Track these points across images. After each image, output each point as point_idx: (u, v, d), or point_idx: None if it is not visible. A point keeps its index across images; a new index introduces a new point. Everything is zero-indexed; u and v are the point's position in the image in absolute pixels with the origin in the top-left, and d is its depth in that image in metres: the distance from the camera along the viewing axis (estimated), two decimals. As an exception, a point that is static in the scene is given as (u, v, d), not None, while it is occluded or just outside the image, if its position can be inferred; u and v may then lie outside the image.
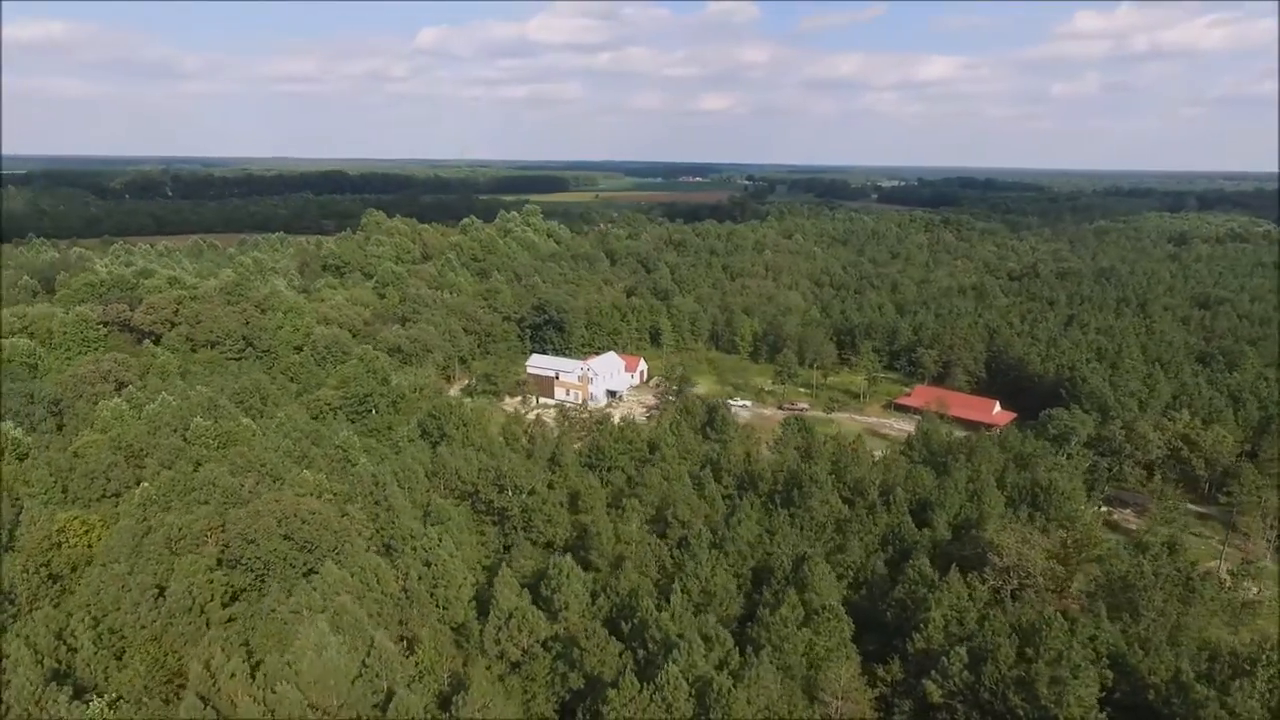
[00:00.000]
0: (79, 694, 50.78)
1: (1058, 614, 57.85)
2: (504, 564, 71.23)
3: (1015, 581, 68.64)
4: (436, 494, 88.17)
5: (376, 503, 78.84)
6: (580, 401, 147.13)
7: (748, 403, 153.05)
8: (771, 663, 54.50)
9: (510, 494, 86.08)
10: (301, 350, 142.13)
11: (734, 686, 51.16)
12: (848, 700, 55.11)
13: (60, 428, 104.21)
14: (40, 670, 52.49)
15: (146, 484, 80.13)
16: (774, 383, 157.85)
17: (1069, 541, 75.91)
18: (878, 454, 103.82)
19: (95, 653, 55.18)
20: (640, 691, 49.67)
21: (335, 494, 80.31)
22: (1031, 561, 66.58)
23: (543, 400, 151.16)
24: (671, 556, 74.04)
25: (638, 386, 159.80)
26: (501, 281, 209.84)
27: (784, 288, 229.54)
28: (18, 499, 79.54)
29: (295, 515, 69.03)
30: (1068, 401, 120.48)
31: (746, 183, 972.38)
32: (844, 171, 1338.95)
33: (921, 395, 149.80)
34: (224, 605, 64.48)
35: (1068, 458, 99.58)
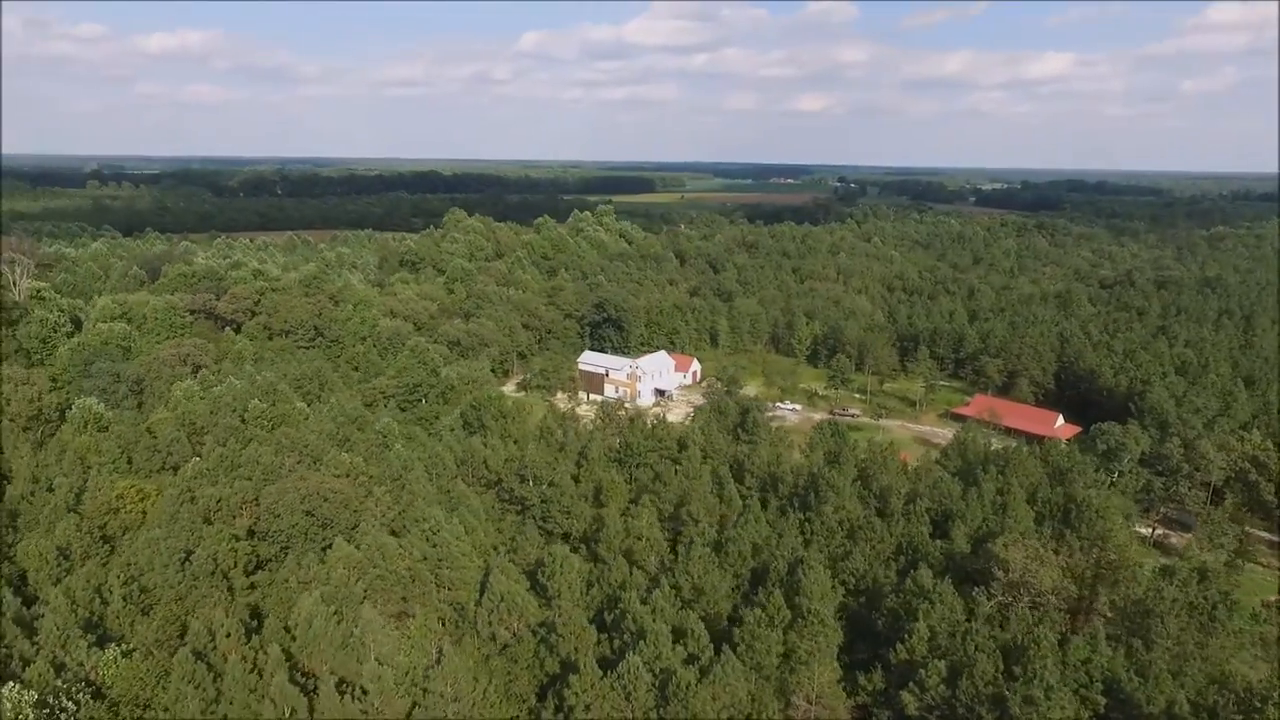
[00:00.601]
0: (102, 643, 55.95)
1: (1048, 633, 55.51)
2: (504, 550, 73.60)
3: (1027, 598, 65.98)
4: (464, 481, 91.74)
5: (402, 486, 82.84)
6: (629, 399, 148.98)
7: (797, 407, 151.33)
8: (743, 661, 54.66)
9: (531, 484, 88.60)
10: (365, 341, 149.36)
11: (698, 682, 51.67)
12: (820, 704, 54.67)
13: (140, 405, 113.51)
14: (75, 619, 58.14)
15: (199, 458, 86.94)
16: (826, 387, 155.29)
17: (1100, 561, 72.39)
18: (915, 463, 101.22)
19: (124, 607, 60.60)
20: (602, 679, 50.87)
21: (370, 476, 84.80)
22: (1039, 578, 63.85)
23: (593, 397, 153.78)
24: (674, 553, 74.74)
25: (689, 387, 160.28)
26: (567, 280, 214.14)
27: (853, 291, 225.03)
28: (89, 467, 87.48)
29: (318, 493, 73.47)
30: (1134, 416, 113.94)
31: (838, 184, 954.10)
32: (943, 174, 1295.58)
33: (980, 405, 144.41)
34: (247, 573, 69.38)
35: (1119, 475, 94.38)
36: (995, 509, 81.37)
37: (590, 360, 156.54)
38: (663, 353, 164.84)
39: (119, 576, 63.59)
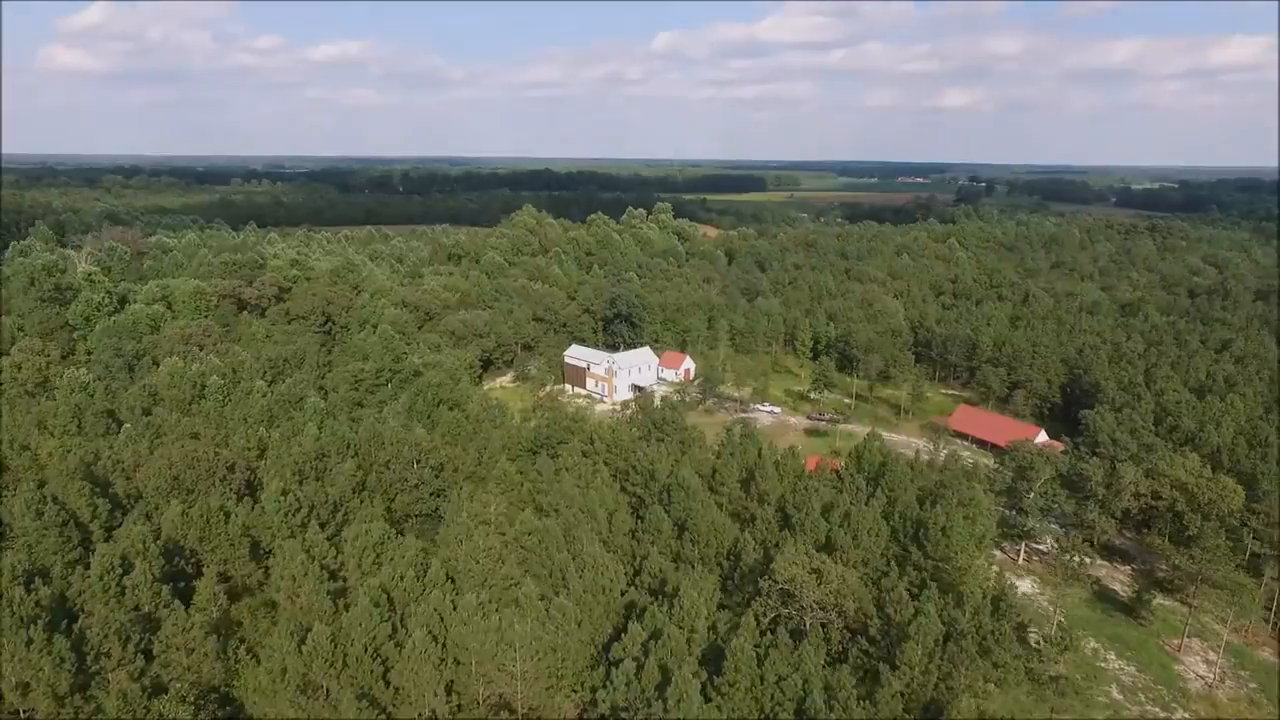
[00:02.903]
0: None
1: (745, 644, 53.39)
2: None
3: (816, 613, 63.09)
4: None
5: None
6: (606, 394, 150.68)
7: (776, 409, 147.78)
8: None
9: (415, 467, 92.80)
10: (364, 327, 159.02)
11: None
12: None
13: (131, 377, 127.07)
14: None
15: (128, 425, 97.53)
16: (809, 390, 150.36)
17: (924, 581, 68.11)
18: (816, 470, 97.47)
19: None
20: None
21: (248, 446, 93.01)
22: (802, 592, 60.92)
23: (576, 390, 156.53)
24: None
25: (679, 384, 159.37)
26: (599, 275, 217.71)
27: (895, 294, 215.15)
28: (46, 429, 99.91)
29: (182, 460, 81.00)
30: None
31: (969, 183, 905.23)
32: (1100, 172, 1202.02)
33: (964, 415, 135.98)
34: (106, 527, 77.36)
35: (1028, 495, 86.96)
36: (841, 520, 77.48)
37: (575, 354, 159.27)
38: (646, 349, 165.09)
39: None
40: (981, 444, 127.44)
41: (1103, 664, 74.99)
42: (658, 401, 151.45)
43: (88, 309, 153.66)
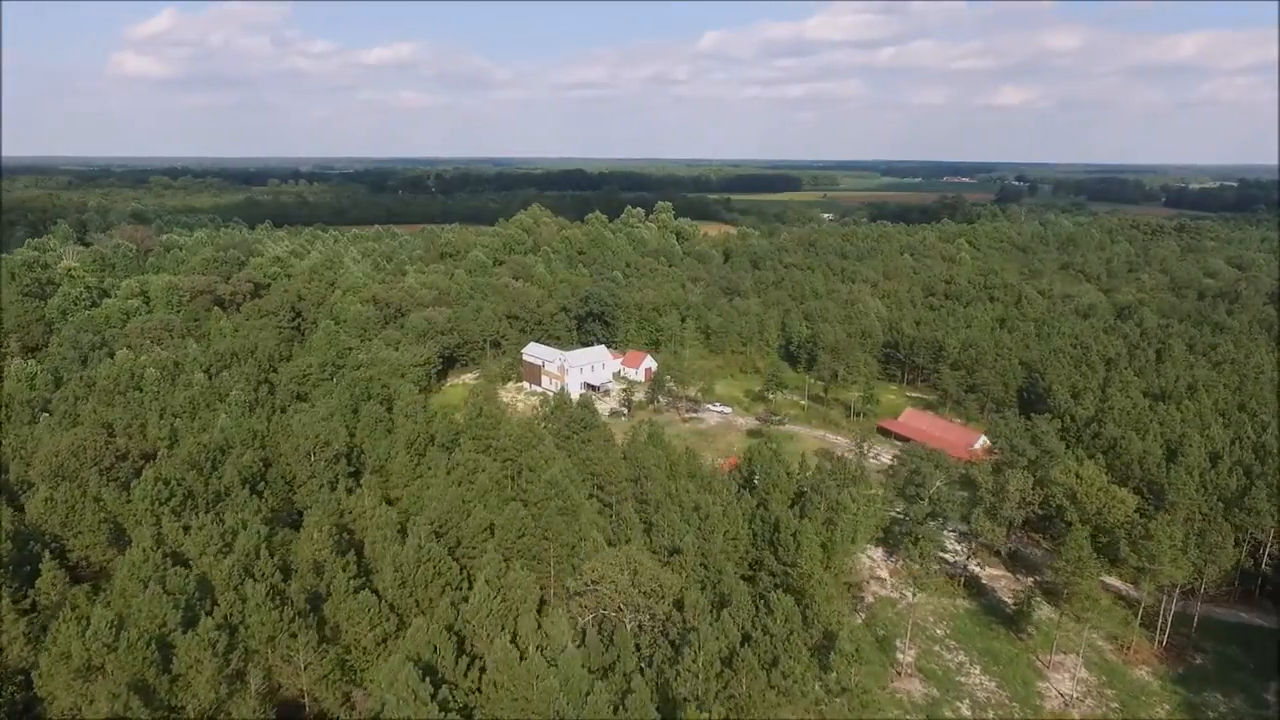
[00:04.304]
0: None
1: (504, 642, 52.52)
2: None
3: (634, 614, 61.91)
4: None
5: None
6: (558, 391, 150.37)
7: (727, 409, 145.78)
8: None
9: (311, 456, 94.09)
10: (324, 322, 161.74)
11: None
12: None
13: (84, 369, 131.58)
14: None
15: (47, 414, 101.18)
16: (760, 391, 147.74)
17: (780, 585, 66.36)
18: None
19: None
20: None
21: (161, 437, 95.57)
22: (609, 590, 59.75)
23: (533, 387, 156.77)
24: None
25: (628, 384, 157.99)
26: (583, 274, 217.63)
27: (883, 294, 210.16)
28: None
29: (76, 444, 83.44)
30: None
31: (1014, 183, 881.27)
32: (1157, 171, 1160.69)
33: (909, 418, 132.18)
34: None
35: (915, 500, 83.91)
36: (701, 522, 75.89)
37: (532, 352, 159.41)
38: (601, 347, 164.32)
39: None
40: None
41: (963, 678, 71.85)
42: (602, 400, 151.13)
43: (64, 303, 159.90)
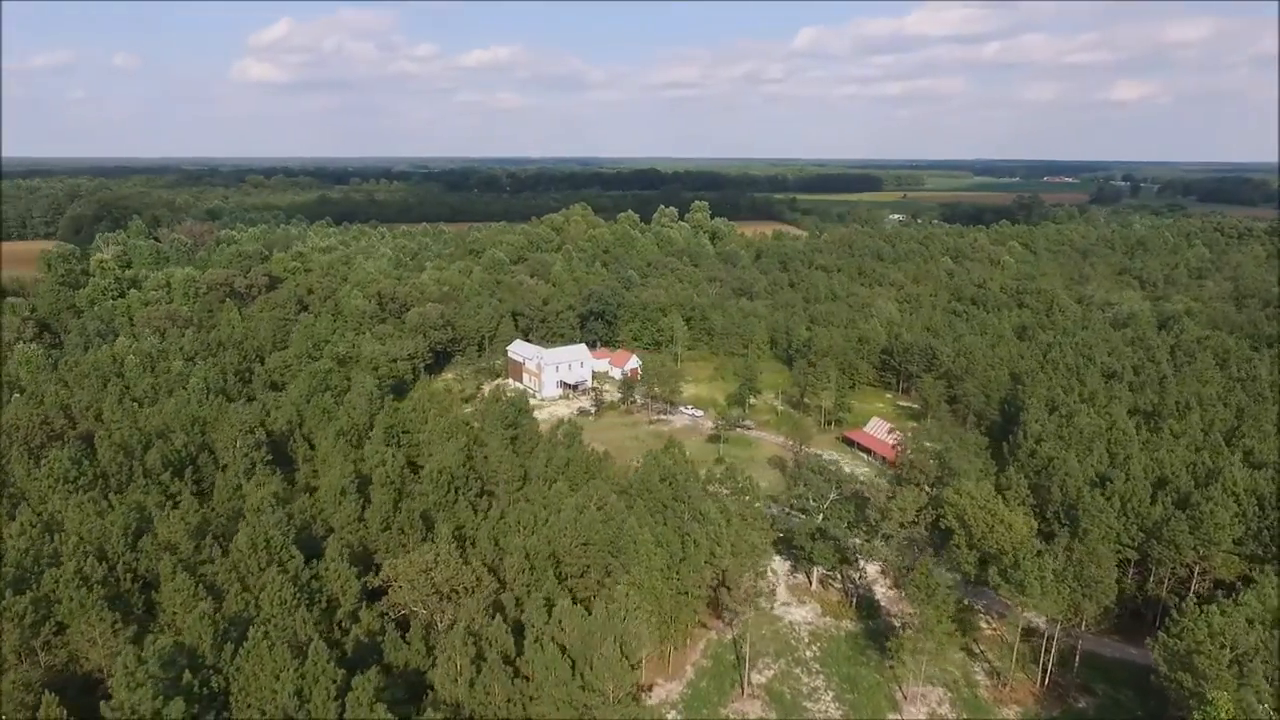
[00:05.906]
0: None
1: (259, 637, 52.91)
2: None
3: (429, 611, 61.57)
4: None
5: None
6: (537, 389, 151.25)
7: (699, 412, 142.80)
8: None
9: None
10: (323, 316, 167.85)
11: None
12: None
13: (85, 355, 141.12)
14: None
15: (18, 395, 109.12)
16: (738, 395, 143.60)
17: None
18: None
19: None
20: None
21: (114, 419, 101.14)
22: (404, 589, 59.44)
23: (514, 384, 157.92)
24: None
25: (597, 384, 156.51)
26: (601, 273, 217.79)
27: (905, 299, 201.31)
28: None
29: (38, 418, 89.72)
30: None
31: (1114, 183, 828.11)
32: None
33: (872, 426, 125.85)
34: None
35: (814, 513, 79.72)
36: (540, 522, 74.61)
37: (515, 350, 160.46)
38: (580, 346, 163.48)
39: None
40: (881, 459, 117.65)
41: (811, 704, 67.72)
42: (580, 399, 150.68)
43: (94, 293, 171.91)
